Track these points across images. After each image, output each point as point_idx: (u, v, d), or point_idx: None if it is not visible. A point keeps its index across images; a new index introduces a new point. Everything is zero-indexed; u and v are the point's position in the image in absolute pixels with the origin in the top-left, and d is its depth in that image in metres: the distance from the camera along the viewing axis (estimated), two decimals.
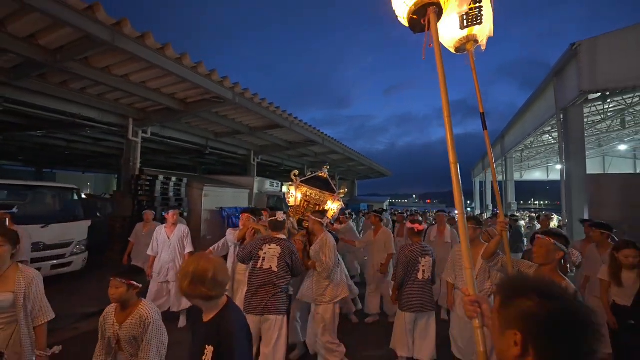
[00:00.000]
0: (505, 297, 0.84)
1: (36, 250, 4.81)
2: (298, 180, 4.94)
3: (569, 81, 6.48)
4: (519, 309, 0.77)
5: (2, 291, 2.10)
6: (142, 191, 7.42)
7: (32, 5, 4.19)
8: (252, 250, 3.13)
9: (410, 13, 1.63)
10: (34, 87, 6.75)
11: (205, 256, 1.59)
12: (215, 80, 7.16)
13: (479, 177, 25.08)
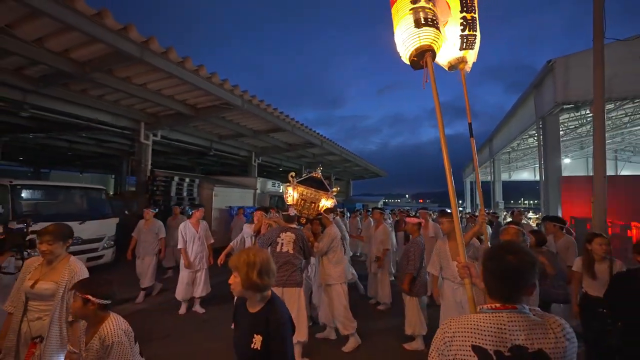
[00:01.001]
0: (483, 258, 1.34)
1: (75, 245, 5.39)
2: (295, 181, 5.62)
3: (546, 93, 7.28)
4: (485, 265, 1.28)
5: (47, 280, 2.16)
6: (158, 191, 7.96)
7: (74, 26, 4.74)
8: (271, 237, 3.83)
9: (412, 56, 2.05)
10: (57, 94, 7.25)
11: (260, 249, 1.68)
12: (227, 88, 7.74)
13: (469, 178, 26.05)
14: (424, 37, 1.96)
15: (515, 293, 1.17)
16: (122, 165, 18.85)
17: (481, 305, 1.22)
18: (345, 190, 30.75)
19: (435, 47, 2.01)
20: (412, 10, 1.98)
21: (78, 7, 4.55)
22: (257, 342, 1.53)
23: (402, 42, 2.05)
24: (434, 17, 1.99)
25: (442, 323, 1.30)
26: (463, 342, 1.15)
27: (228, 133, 12.02)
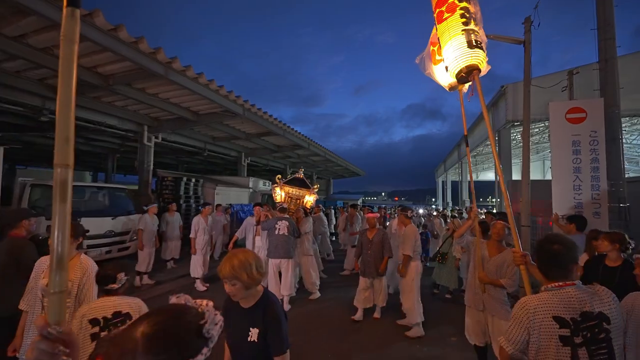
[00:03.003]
0: (538, 246, 1.61)
1: (109, 237, 6.17)
2: (282, 182, 6.88)
3: (500, 112, 8.86)
4: (545, 252, 1.54)
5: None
6: (167, 190, 8.75)
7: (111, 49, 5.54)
8: (271, 224, 5.31)
9: (462, 72, 2.21)
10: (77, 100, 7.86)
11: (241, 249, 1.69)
12: (231, 98, 8.67)
13: (441, 177, 28.12)
14: (475, 57, 2.14)
15: (570, 273, 1.47)
16: (108, 163, 18.96)
17: (546, 285, 1.50)
18: (326, 189, 32.02)
19: (481, 66, 2.19)
20: (464, 31, 2.13)
21: (121, 36, 5.38)
22: (254, 335, 1.56)
23: (455, 58, 2.19)
24: (481, 40, 2.17)
25: (521, 303, 1.49)
26: (544, 314, 1.38)
27: (222, 135, 12.81)
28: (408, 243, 4.43)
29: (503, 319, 2.91)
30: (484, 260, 3.07)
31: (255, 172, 22.27)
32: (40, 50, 5.71)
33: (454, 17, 2.15)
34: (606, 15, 5.28)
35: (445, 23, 2.20)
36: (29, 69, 6.54)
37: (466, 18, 2.14)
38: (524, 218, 4.52)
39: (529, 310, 1.42)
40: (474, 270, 3.11)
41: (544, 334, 1.38)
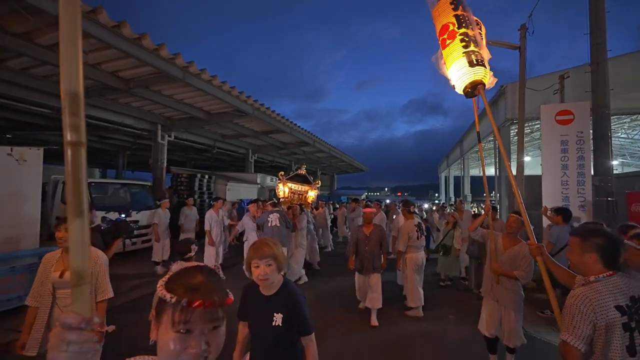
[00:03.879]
0: (583, 237, 1.59)
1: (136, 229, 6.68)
2: (284, 179, 7.34)
3: (500, 110, 9.19)
4: (594, 242, 1.55)
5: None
6: (182, 186, 9.24)
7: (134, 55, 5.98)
8: (264, 217, 5.69)
9: (467, 88, 2.45)
10: (94, 102, 8.34)
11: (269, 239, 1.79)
12: (242, 99, 9.10)
13: (444, 173, 28.42)
14: (477, 74, 2.38)
15: (617, 263, 1.54)
16: (119, 160, 19.50)
17: (596, 275, 1.53)
18: (330, 184, 32.46)
19: (485, 80, 2.42)
20: (465, 53, 2.37)
21: (144, 44, 5.82)
22: (278, 320, 1.64)
23: (459, 77, 2.45)
24: (482, 58, 2.40)
25: (580, 297, 1.50)
26: (607, 304, 1.43)
27: (231, 133, 13.28)
28: (402, 239, 4.76)
29: (514, 310, 2.98)
30: (498, 253, 3.08)
31: (261, 168, 22.72)
32: None
33: (455, 43, 2.40)
34: (598, 21, 5.60)
35: (448, 49, 2.44)
36: (55, 74, 7.00)
37: (465, 42, 2.39)
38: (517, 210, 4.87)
39: (592, 302, 1.44)
40: (489, 262, 3.15)
41: (610, 324, 1.41)
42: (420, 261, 4.73)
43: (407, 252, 4.72)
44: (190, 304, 0.67)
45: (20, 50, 5.63)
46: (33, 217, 4.75)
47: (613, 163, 20.62)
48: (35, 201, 4.82)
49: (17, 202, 4.62)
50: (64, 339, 0.61)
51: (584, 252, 1.58)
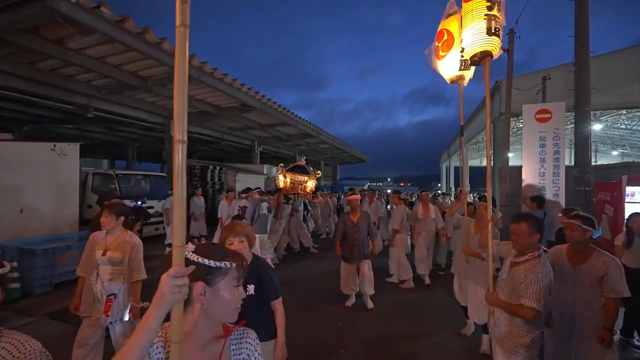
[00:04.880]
0: (530, 222, 2.00)
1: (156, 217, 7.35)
2: (284, 170, 7.93)
3: (495, 104, 9.65)
4: (537, 225, 2.00)
5: (115, 250, 2.62)
6: (196, 177, 9.90)
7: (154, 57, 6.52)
8: (255, 205, 6.15)
9: (476, 55, 2.35)
10: (113, 99, 8.91)
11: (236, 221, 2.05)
12: (250, 94, 9.63)
13: (445, 163, 28.90)
14: (490, 44, 2.25)
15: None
16: (129, 151, 20.15)
17: (538, 251, 1.99)
18: (333, 175, 33.06)
19: (494, 52, 2.33)
20: (487, 16, 2.20)
21: (164, 47, 6.36)
22: (251, 289, 1.84)
23: (472, 42, 2.31)
24: (499, 26, 2.24)
25: (538, 272, 1.90)
26: (549, 269, 1.95)
27: (238, 126, 13.82)
28: (396, 220, 5.43)
29: (482, 287, 3.27)
30: (469, 236, 3.38)
31: (265, 159, 23.30)
32: (95, 59, 6.72)
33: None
34: (582, 24, 6.04)
35: (471, 3, 2.25)
36: (80, 73, 7.57)
37: (491, 2, 2.21)
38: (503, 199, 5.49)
39: (549, 272, 1.94)
40: (460, 245, 3.42)
41: (551, 281, 1.95)
42: (406, 241, 5.54)
43: (400, 232, 5.39)
44: (244, 264, 0.97)
45: (51, 53, 6.18)
46: (73, 203, 5.41)
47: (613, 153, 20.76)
48: (75, 190, 5.48)
49: (60, 191, 5.26)
50: (175, 284, 0.78)
51: (532, 233, 1.98)
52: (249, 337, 1.04)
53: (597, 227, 2.27)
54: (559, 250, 2.43)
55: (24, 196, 4.89)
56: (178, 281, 0.79)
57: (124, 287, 2.60)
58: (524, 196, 5.15)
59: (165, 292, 0.78)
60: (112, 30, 5.41)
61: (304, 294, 4.96)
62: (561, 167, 5.07)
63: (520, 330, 2.01)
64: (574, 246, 2.32)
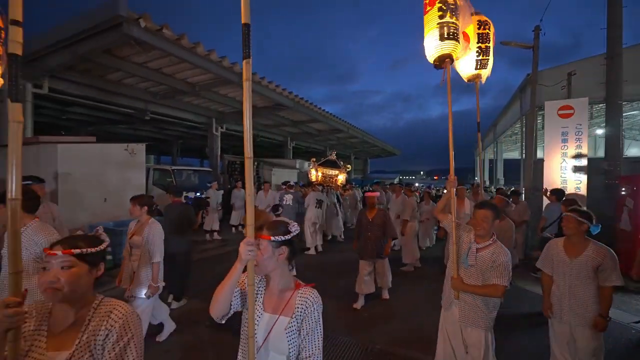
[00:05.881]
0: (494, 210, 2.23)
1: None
2: (316, 164, 8.53)
3: (527, 97, 9.49)
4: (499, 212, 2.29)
5: (138, 235, 2.93)
6: (236, 172, 10.90)
7: (203, 67, 7.39)
8: (281, 196, 6.95)
9: (435, 60, 2.53)
10: (167, 103, 10.05)
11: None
12: (284, 95, 10.37)
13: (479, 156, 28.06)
14: (445, 48, 2.42)
15: None
16: (173, 148, 21.90)
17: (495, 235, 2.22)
18: (363, 168, 33.30)
19: (454, 54, 2.47)
20: (439, 25, 2.38)
21: (212, 58, 7.22)
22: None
23: (430, 49, 2.51)
24: (455, 30, 2.39)
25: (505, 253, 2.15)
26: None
27: (272, 123, 14.69)
28: (407, 210, 6.01)
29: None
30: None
31: (297, 154, 24.16)
32: (153, 70, 7.76)
33: (433, 11, 2.41)
34: (615, 17, 6.01)
35: (428, 15, 2.44)
36: (140, 82, 8.70)
37: (442, 11, 2.37)
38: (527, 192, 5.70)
39: (510, 253, 2.24)
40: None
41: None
42: (416, 229, 6.13)
43: (410, 221, 5.97)
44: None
45: (120, 67, 7.28)
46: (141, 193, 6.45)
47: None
48: (142, 182, 6.53)
49: (132, 183, 6.31)
50: (247, 249, 1.17)
51: (494, 219, 2.22)
52: (313, 293, 1.34)
53: (595, 223, 2.31)
54: (555, 243, 2.53)
55: (106, 187, 5.97)
56: (249, 247, 1.18)
57: (143, 266, 2.94)
58: (544, 189, 5.37)
59: (242, 253, 1.18)
60: (171, 47, 6.32)
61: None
62: (583, 161, 5.22)
63: (487, 308, 2.19)
64: (569, 238, 2.42)
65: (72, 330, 1.09)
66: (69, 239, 1.16)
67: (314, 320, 1.28)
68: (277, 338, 1.26)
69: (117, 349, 1.07)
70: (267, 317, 1.30)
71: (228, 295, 1.26)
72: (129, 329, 1.11)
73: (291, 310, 1.28)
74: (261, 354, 1.27)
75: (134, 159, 6.46)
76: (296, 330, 1.27)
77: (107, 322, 1.09)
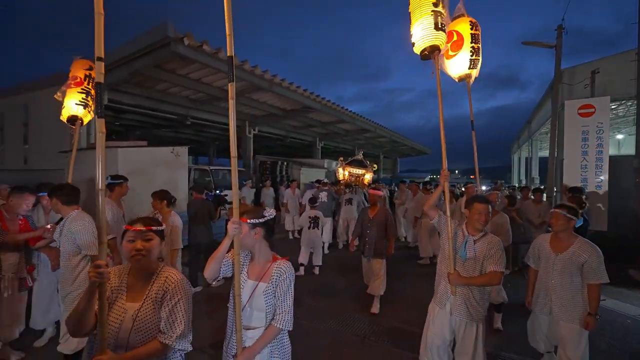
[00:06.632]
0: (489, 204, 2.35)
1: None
2: (344, 163, 8.81)
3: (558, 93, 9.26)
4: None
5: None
6: (267, 171, 11.67)
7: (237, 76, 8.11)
8: (316, 194, 7.15)
9: (425, 50, 2.42)
10: (206, 108, 11.01)
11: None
12: (312, 98, 10.94)
13: (516, 154, 26.80)
14: (438, 39, 2.34)
15: None
16: (210, 149, 23.36)
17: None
18: (392, 168, 33.09)
19: (442, 47, 2.42)
20: (433, 12, 2.28)
21: (244, 67, 7.94)
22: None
23: (422, 37, 2.36)
24: (444, 22, 2.36)
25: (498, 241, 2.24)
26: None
27: (301, 125, 15.34)
28: (417, 208, 6.33)
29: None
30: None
31: (326, 153, 24.67)
32: (194, 80, 8.66)
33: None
34: None
35: (417, 0, 2.33)
36: (183, 91, 9.68)
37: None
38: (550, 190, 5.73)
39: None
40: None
41: None
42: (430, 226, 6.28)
43: (423, 218, 6.17)
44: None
45: (166, 78, 8.22)
46: (185, 191, 7.28)
47: None
48: (185, 181, 7.34)
49: (177, 182, 7.16)
50: (232, 226, 1.49)
51: (490, 212, 2.32)
52: (286, 265, 1.65)
53: (579, 217, 2.42)
54: (543, 239, 2.56)
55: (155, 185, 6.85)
56: (235, 225, 1.49)
57: (166, 254, 3.19)
58: (563, 187, 5.40)
59: (228, 230, 1.50)
60: (209, 60, 7.10)
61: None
62: (604, 160, 5.19)
63: (482, 300, 2.26)
64: (557, 234, 2.43)
65: (143, 288, 1.39)
66: (144, 218, 1.45)
67: (286, 285, 1.59)
68: (258, 299, 1.58)
69: (170, 305, 1.36)
70: (250, 283, 1.62)
71: (218, 263, 1.59)
72: (179, 291, 1.39)
73: (268, 277, 1.60)
74: (246, 311, 1.59)
75: (179, 160, 7.30)
76: (272, 293, 1.58)
77: (165, 284, 1.39)
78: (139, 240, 1.36)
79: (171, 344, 1.32)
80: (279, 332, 1.58)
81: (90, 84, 3.55)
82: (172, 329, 1.33)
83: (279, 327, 1.55)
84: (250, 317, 1.59)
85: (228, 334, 1.64)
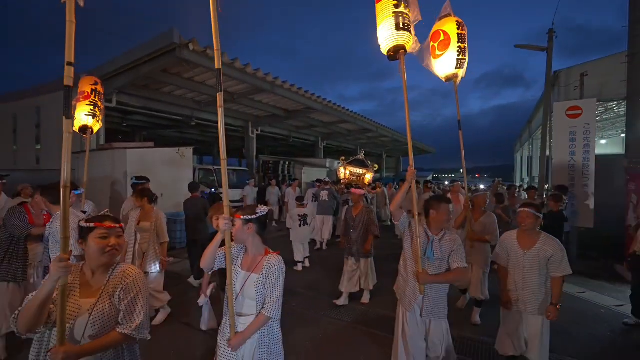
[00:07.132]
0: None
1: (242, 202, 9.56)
2: (345, 163, 9.04)
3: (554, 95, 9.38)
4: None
5: (145, 221, 3.33)
6: (270, 171, 11.98)
7: (241, 79, 8.42)
8: (317, 192, 7.46)
9: (390, 51, 2.44)
10: (209, 109, 11.33)
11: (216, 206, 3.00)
12: (313, 99, 11.19)
13: (518, 153, 26.79)
14: (400, 39, 2.35)
15: None
16: (214, 149, 23.73)
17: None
18: (396, 166, 33.20)
19: (407, 46, 2.41)
20: (394, 14, 2.33)
21: (247, 70, 8.22)
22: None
23: (385, 38, 2.41)
24: (409, 22, 2.36)
25: (457, 239, 2.30)
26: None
27: (303, 125, 15.61)
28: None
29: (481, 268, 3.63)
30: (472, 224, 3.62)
31: (329, 153, 24.90)
32: (198, 83, 8.97)
33: (387, 0, 2.36)
34: (637, 14, 5.98)
35: (381, 4, 2.39)
36: (187, 93, 10.00)
37: (397, 1, 2.34)
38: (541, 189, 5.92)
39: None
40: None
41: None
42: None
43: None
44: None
45: (171, 82, 8.55)
46: None
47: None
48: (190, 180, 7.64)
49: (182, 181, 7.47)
50: (224, 222, 1.64)
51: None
52: (277, 258, 1.78)
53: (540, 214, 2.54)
54: (509, 236, 2.63)
55: (162, 184, 7.18)
56: (226, 221, 1.66)
57: (152, 247, 3.35)
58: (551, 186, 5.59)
59: (220, 225, 1.67)
60: (213, 64, 7.38)
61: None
62: (591, 160, 5.38)
63: (444, 297, 2.34)
64: (524, 232, 2.54)
65: (98, 284, 1.42)
66: (107, 217, 1.49)
67: (275, 277, 1.72)
68: (249, 288, 1.72)
69: (129, 298, 1.40)
70: (243, 274, 1.77)
71: (212, 255, 1.75)
72: (137, 284, 1.43)
73: (260, 269, 1.73)
74: (239, 299, 1.75)
75: (184, 161, 7.62)
76: (262, 284, 1.71)
77: (122, 279, 1.42)
78: (112, 237, 1.43)
79: (130, 334, 1.37)
80: (267, 320, 1.70)
81: (97, 97, 3.91)
82: (130, 320, 1.38)
83: (267, 316, 1.69)
84: (243, 304, 1.74)
85: (223, 320, 1.81)
